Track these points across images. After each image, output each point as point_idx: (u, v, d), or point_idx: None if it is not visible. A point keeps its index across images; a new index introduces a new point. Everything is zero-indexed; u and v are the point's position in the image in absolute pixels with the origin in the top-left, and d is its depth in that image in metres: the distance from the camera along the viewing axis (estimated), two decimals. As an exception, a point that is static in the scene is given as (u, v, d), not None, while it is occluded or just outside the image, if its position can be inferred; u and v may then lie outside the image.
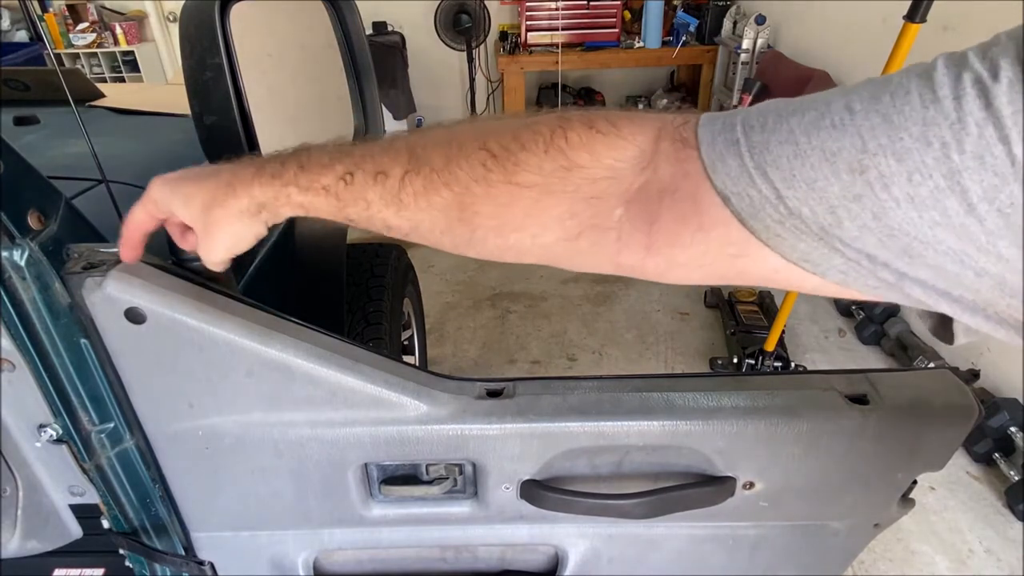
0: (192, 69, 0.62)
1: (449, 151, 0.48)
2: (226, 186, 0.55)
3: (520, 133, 0.46)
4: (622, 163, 0.43)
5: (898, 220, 0.33)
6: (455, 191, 0.47)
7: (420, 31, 4.55)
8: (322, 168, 0.52)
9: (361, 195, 0.51)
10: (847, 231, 0.35)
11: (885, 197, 0.33)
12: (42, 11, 4.89)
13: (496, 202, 0.46)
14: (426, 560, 0.93)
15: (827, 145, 0.34)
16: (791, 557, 0.88)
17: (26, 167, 0.64)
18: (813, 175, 0.35)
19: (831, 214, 0.35)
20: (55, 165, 1.07)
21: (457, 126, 0.51)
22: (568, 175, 0.44)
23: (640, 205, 0.43)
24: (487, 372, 2.72)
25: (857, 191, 0.34)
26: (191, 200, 0.57)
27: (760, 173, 0.37)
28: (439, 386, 0.75)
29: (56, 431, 0.74)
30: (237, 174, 0.55)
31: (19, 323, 0.65)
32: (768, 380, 0.80)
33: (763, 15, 3.60)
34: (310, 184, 0.52)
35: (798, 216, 0.36)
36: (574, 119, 0.45)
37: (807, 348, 2.79)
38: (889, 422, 0.74)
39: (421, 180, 0.48)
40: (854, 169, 0.33)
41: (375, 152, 0.51)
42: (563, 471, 0.78)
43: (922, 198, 0.32)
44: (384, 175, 0.49)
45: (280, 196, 0.53)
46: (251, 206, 0.55)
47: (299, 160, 0.53)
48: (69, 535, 0.87)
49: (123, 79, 5.11)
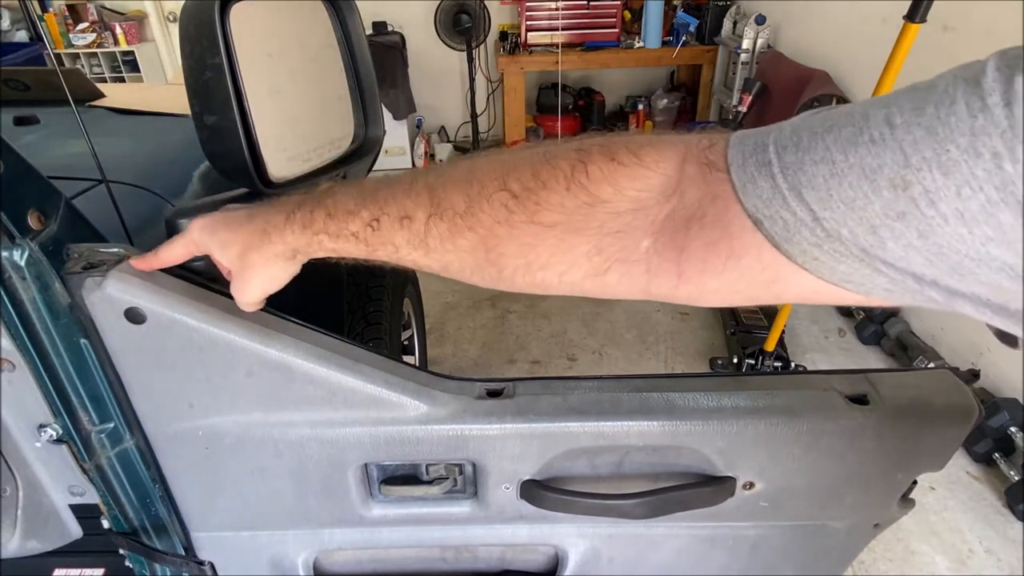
0: (192, 69, 0.62)
1: (470, 191, 0.47)
2: (261, 233, 0.58)
3: (540, 170, 0.45)
4: (647, 193, 0.42)
5: (947, 237, 0.31)
6: (479, 233, 0.47)
7: (420, 31, 4.55)
8: (348, 215, 0.53)
9: (389, 240, 0.52)
10: (891, 252, 0.34)
11: (932, 214, 0.31)
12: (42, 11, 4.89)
13: (520, 242, 0.46)
14: (426, 560, 0.93)
15: (866, 162, 0.33)
16: (791, 557, 0.88)
17: (26, 167, 0.64)
18: (852, 194, 0.33)
19: (873, 234, 0.34)
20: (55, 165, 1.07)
21: (476, 162, 0.50)
22: (592, 211, 0.43)
23: (668, 235, 0.42)
24: (487, 372, 2.72)
25: (901, 208, 0.32)
26: (228, 246, 0.60)
27: (795, 194, 0.35)
28: (439, 386, 0.75)
29: (56, 431, 0.74)
30: (270, 221, 0.57)
31: (19, 323, 0.65)
32: (768, 380, 0.80)
33: (763, 15, 3.60)
34: (339, 231, 0.54)
35: (837, 238, 0.35)
36: (594, 151, 0.44)
37: (807, 348, 2.79)
38: (889, 422, 0.74)
39: (445, 224, 0.48)
40: (896, 185, 0.32)
41: (398, 195, 0.52)
42: (563, 471, 0.78)
43: (972, 213, 0.30)
44: (409, 219, 0.50)
45: (312, 243, 0.56)
46: (285, 251, 0.58)
47: (326, 207, 0.55)
48: (69, 535, 0.87)
49: (123, 79, 5.10)
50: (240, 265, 0.60)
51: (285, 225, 0.56)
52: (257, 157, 0.65)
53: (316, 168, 0.73)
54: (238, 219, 0.60)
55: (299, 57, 0.70)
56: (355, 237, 0.53)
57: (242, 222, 0.59)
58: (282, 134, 0.68)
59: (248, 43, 0.62)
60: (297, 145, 0.71)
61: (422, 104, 4.79)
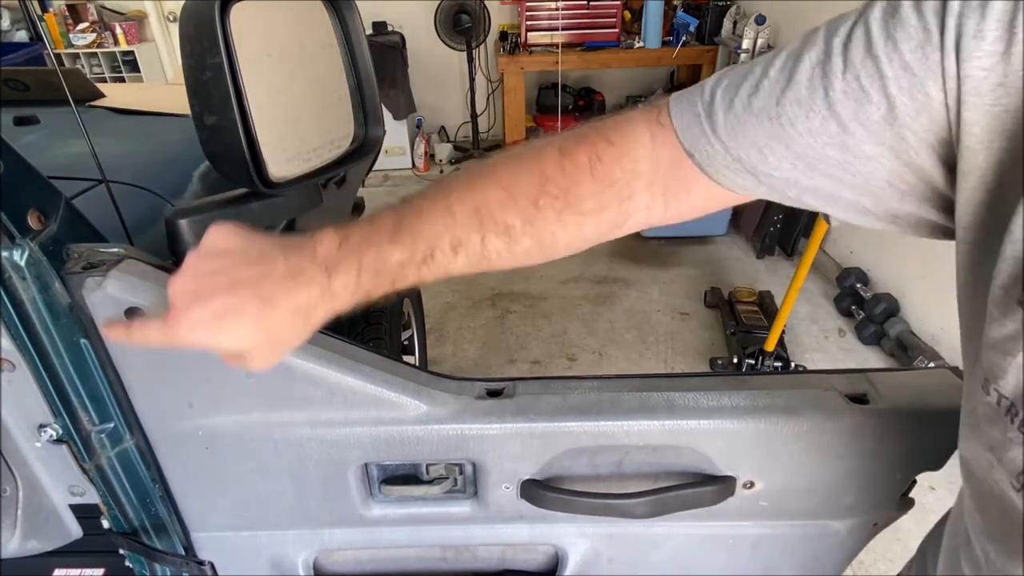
0: (192, 69, 0.61)
1: (518, 203, 0.54)
2: (296, 313, 0.53)
3: (565, 166, 0.54)
4: (639, 163, 0.55)
5: (802, 146, 0.47)
6: (536, 238, 0.55)
7: (420, 31, 4.55)
8: (400, 267, 0.54)
9: (444, 268, 0.55)
10: (770, 164, 0.49)
11: (792, 133, 0.47)
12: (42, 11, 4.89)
13: (570, 232, 0.56)
14: (426, 560, 0.93)
15: (755, 106, 0.48)
16: (791, 557, 0.88)
17: (26, 167, 0.64)
18: (745, 128, 0.49)
19: (759, 153, 0.49)
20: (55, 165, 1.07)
21: (499, 170, 0.56)
22: (612, 189, 0.55)
23: (656, 184, 0.56)
24: (487, 372, 2.72)
25: (776, 133, 0.47)
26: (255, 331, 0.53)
27: (714, 135, 0.51)
28: (439, 386, 0.75)
29: (56, 431, 0.74)
30: (306, 298, 0.53)
31: (19, 323, 0.65)
32: (768, 380, 0.80)
33: (763, 15, 3.60)
34: (395, 280, 0.55)
35: (737, 159, 0.50)
36: (594, 138, 0.55)
37: (807, 348, 2.79)
38: (889, 422, 0.74)
39: (503, 240, 0.55)
40: (771, 118, 0.47)
41: (446, 225, 0.54)
42: (563, 471, 0.78)
43: (815, 128, 0.45)
44: (463, 246, 0.55)
45: (366, 294, 0.55)
46: (325, 315, 0.54)
47: (365, 264, 0.53)
48: (69, 535, 0.87)
49: (123, 79, 5.10)
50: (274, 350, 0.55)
51: (320, 301, 0.53)
52: (257, 157, 0.65)
53: (316, 168, 0.73)
54: (256, 296, 0.51)
55: (299, 57, 0.70)
56: (403, 279, 0.55)
57: (267, 301, 0.51)
58: (282, 134, 0.68)
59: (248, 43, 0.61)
60: (297, 145, 0.71)
61: (422, 104, 4.79)
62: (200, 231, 0.70)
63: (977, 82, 0.38)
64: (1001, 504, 0.42)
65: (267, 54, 0.66)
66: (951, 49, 0.39)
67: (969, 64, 0.38)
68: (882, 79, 0.42)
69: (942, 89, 0.40)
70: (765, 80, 0.48)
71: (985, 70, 0.38)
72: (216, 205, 0.71)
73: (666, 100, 0.55)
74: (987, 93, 0.38)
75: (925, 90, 0.40)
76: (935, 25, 0.39)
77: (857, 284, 2.98)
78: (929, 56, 0.40)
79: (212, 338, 0.51)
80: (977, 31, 0.37)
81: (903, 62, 0.41)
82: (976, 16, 0.37)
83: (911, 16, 0.40)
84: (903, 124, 0.42)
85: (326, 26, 0.72)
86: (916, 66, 0.40)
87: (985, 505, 0.45)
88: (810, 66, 0.45)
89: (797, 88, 0.46)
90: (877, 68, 0.42)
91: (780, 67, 0.47)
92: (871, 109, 0.43)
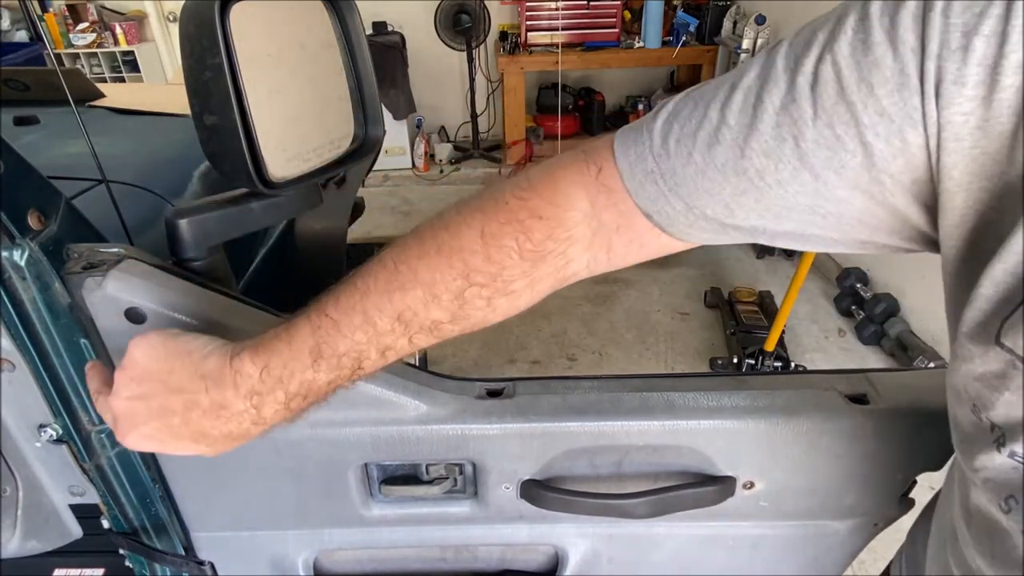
0: (192, 69, 0.61)
1: (441, 300, 0.51)
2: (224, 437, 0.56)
3: (490, 253, 0.51)
4: (575, 229, 0.52)
5: (772, 198, 0.45)
6: (466, 324, 0.53)
7: (420, 31, 4.55)
8: (328, 384, 0.54)
9: (375, 369, 0.55)
10: (738, 217, 0.47)
11: (761, 185, 0.44)
12: (42, 11, 4.89)
13: (502, 311, 0.54)
14: (426, 560, 0.93)
15: (718, 159, 0.45)
16: (791, 557, 0.88)
17: (26, 167, 0.64)
18: (710, 185, 0.46)
19: (726, 209, 0.47)
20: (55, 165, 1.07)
21: (417, 264, 0.52)
22: (544, 262, 0.52)
23: (597, 245, 0.54)
24: (487, 372, 2.72)
25: (743, 187, 0.45)
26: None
27: (673, 193, 0.48)
28: (439, 386, 0.75)
29: (56, 431, 0.74)
30: (246, 434, 0.56)
31: (19, 323, 0.65)
32: (768, 380, 0.80)
33: (763, 15, 3.60)
34: (327, 394, 0.55)
35: (703, 217, 0.48)
36: (521, 215, 0.51)
37: (807, 348, 2.79)
38: (889, 422, 0.74)
39: (432, 335, 0.53)
40: (738, 172, 0.45)
41: (361, 330, 0.52)
42: (563, 471, 0.78)
43: (786, 179, 0.43)
44: (391, 350, 0.53)
45: (299, 413, 0.56)
46: (263, 433, 0.57)
47: (292, 391, 0.53)
48: (69, 535, 0.87)
49: (123, 79, 5.11)
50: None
51: (259, 425, 0.55)
52: (257, 157, 0.65)
53: (316, 168, 0.73)
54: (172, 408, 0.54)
55: (299, 57, 0.70)
56: (334, 390, 0.55)
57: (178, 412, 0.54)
58: (282, 134, 0.68)
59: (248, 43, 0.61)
60: (297, 145, 0.71)
61: (422, 104, 4.79)
62: (200, 231, 0.70)
63: (957, 127, 0.37)
64: (986, 524, 0.42)
65: (267, 54, 0.65)
66: (931, 94, 0.37)
67: (949, 110, 0.37)
68: (858, 126, 0.39)
69: (922, 134, 0.38)
70: (724, 128, 0.44)
71: (965, 114, 0.36)
72: (216, 205, 0.71)
73: (606, 149, 0.51)
74: (966, 137, 0.37)
75: (903, 135, 0.39)
76: (914, 68, 0.37)
77: (857, 284, 2.98)
78: (908, 101, 0.38)
79: (158, 451, 0.56)
80: (958, 76, 0.36)
81: (880, 107, 0.38)
82: (957, 60, 0.36)
83: (886, 56, 0.38)
84: (880, 169, 0.40)
85: (326, 26, 0.72)
86: (894, 112, 0.38)
87: (971, 517, 0.45)
88: (774, 111, 0.42)
89: (761, 137, 0.43)
90: (852, 114, 0.39)
91: (739, 110, 0.44)
92: (847, 157, 0.40)
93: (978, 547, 0.45)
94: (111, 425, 0.56)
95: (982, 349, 0.38)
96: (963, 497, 0.47)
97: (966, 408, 0.41)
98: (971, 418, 0.41)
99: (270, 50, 0.66)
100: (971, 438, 0.41)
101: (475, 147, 4.91)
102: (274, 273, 1.31)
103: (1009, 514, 0.39)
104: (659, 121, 0.49)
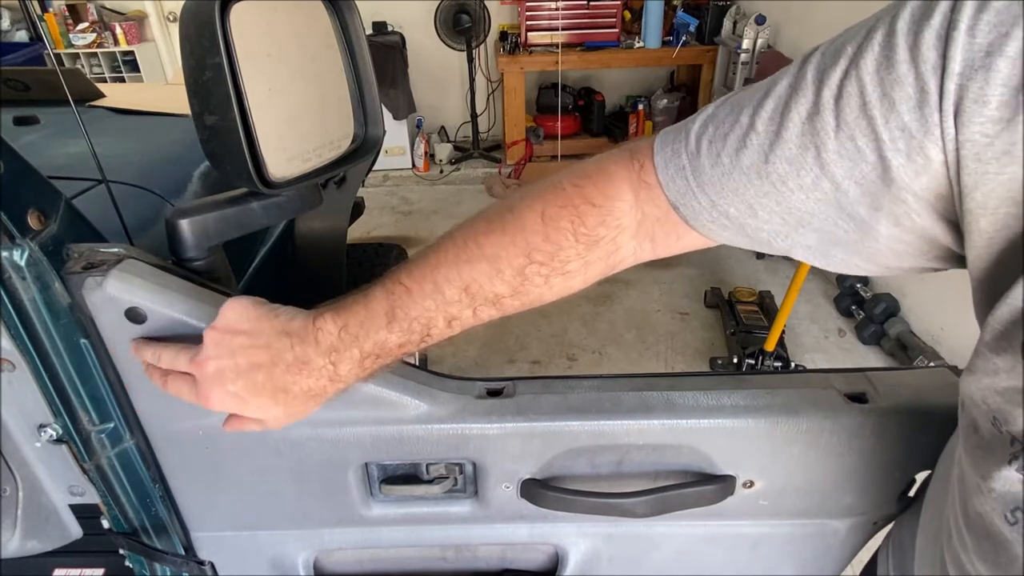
0: (192, 69, 0.61)
1: (504, 275, 0.56)
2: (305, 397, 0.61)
3: (549, 233, 0.55)
4: (623, 218, 0.56)
5: (793, 203, 0.47)
6: (526, 300, 0.58)
7: (420, 31, 4.55)
8: (399, 347, 0.59)
9: (441, 337, 0.59)
10: (760, 218, 0.49)
11: (784, 190, 0.46)
12: (42, 11, 4.89)
13: (558, 290, 0.58)
14: (426, 560, 0.93)
15: (743, 162, 0.48)
16: (791, 556, 0.89)
17: (26, 167, 0.64)
18: (735, 185, 0.49)
19: (749, 209, 0.49)
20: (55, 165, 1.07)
21: (483, 241, 0.57)
22: (597, 247, 0.56)
23: (642, 235, 0.58)
24: (487, 372, 2.72)
25: (766, 190, 0.47)
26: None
27: (700, 190, 0.51)
28: (439, 385, 0.75)
29: (56, 431, 0.74)
30: (323, 392, 0.61)
31: (19, 323, 0.65)
32: (768, 379, 0.80)
33: (763, 15, 3.60)
34: (397, 356, 0.60)
35: (725, 215, 0.51)
36: (576, 201, 0.56)
37: (807, 348, 2.79)
38: (888, 421, 0.74)
39: (495, 308, 0.58)
40: (762, 175, 0.47)
41: (431, 298, 0.57)
42: (563, 470, 0.78)
43: (807, 185, 0.45)
44: (457, 320, 0.58)
45: (370, 373, 0.61)
46: (335, 392, 0.62)
47: (366, 351, 0.58)
48: (69, 535, 0.87)
49: (123, 79, 5.10)
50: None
51: (335, 383, 0.60)
52: (257, 157, 0.65)
53: (316, 168, 0.73)
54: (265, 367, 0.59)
55: (299, 57, 0.70)
56: (403, 354, 0.60)
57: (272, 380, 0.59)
58: (282, 134, 0.68)
59: (248, 43, 0.61)
60: (297, 145, 0.71)
61: (422, 104, 4.79)
62: (200, 231, 0.70)
63: (979, 148, 0.37)
64: (987, 531, 0.42)
65: (267, 54, 0.66)
66: (949, 112, 0.37)
67: (970, 129, 0.36)
68: (877, 140, 0.40)
69: (942, 151, 0.38)
70: (753, 134, 0.47)
71: (988, 136, 0.36)
72: (216, 205, 0.71)
73: (648, 147, 0.55)
74: (991, 161, 0.36)
75: (925, 152, 0.39)
76: (934, 85, 0.37)
77: (857, 284, 2.98)
78: (928, 117, 0.38)
79: (237, 411, 0.60)
80: (979, 95, 0.36)
81: (901, 123, 0.39)
82: (980, 79, 0.36)
83: (908, 74, 0.38)
84: (901, 187, 0.41)
85: (326, 26, 0.72)
86: (914, 128, 0.39)
87: (971, 522, 0.45)
88: (799, 121, 0.44)
89: (786, 146, 0.45)
90: (872, 129, 0.40)
91: (768, 118, 0.46)
92: (866, 168, 0.41)
93: (978, 552, 0.44)
94: (189, 388, 0.60)
95: (1010, 364, 0.37)
96: (963, 500, 0.46)
97: (986, 419, 0.41)
98: (991, 428, 0.40)
99: (270, 50, 0.66)
100: (989, 446, 0.41)
101: (475, 147, 4.90)
102: (274, 273, 1.32)
103: (1015, 526, 0.39)
104: (697, 123, 0.52)
